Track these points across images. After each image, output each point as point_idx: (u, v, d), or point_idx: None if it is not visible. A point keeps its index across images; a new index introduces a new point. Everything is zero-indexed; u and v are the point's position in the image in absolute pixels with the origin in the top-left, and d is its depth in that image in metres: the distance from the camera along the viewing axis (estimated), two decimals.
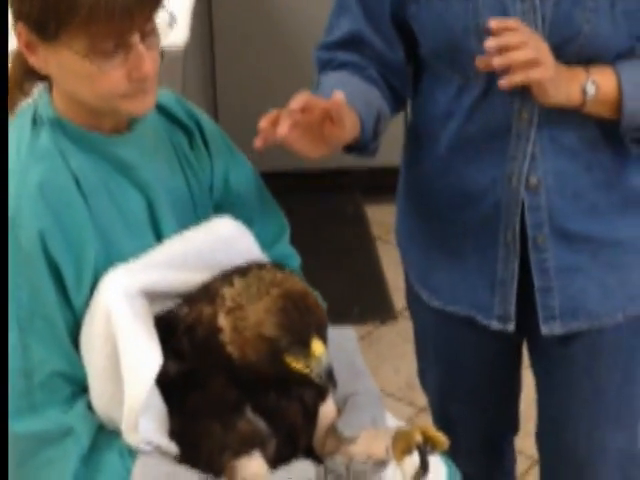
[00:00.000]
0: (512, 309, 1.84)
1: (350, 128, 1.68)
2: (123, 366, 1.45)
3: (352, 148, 1.80)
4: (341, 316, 3.33)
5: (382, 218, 3.92)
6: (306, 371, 1.44)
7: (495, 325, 1.86)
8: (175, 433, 1.50)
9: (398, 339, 3.34)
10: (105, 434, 1.49)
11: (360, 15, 1.80)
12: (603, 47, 1.65)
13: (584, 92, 1.64)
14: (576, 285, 1.81)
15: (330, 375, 1.44)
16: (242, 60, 3.88)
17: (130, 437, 1.46)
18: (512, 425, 2.15)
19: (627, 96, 1.66)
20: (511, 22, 1.58)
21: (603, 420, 1.94)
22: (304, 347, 1.43)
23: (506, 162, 1.75)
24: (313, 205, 4.01)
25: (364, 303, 3.49)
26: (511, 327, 1.85)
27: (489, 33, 1.57)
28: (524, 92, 1.67)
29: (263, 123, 1.60)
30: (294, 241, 1.80)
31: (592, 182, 1.76)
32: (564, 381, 1.94)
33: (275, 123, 1.58)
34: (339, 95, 1.60)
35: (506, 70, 1.59)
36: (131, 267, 1.51)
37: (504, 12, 1.65)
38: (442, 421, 2.12)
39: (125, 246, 1.53)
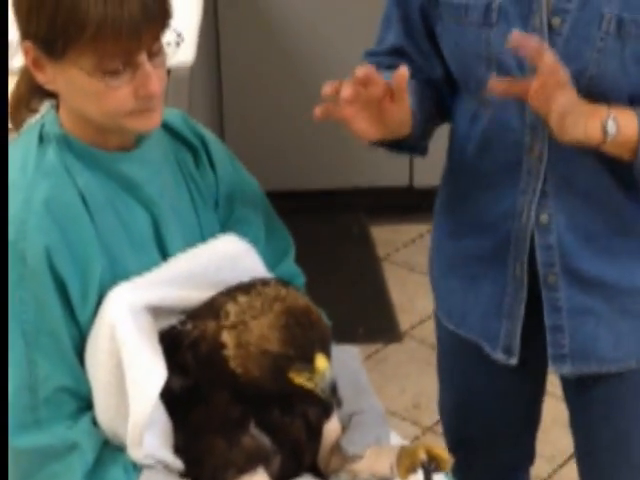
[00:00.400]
0: (517, 343, 1.82)
1: (407, 109, 1.66)
2: (128, 381, 1.46)
3: (401, 146, 1.79)
4: (346, 336, 3.32)
5: (387, 238, 3.94)
6: (310, 386, 1.45)
7: (499, 357, 1.85)
8: (179, 448, 1.50)
9: (403, 359, 3.34)
10: (110, 449, 1.50)
11: (401, 31, 1.80)
12: (612, 87, 1.63)
13: (604, 130, 1.60)
14: (588, 328, 1.78)
15: (334, 390, 1.45)
16: (249, 79, 3.90)
17: (135, 452, 1.47)
18: (528, 456, 2.11)
19: None
20: (535, 40, 1.57)
21: (625, 467, 1.91)
22: (308, 362, 1.44)
23: (517, 196, 1.73)
24: (318, 225, 4.01)
25: (369, 323, 3.48)
26: (514, 361, 1.83)
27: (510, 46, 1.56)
28: (535, 126, 1.67)
29: (326, 89, 1.60)
30: (299, 261, 1.81)
31: (607, 227, 1.73)
32: (584, 425, 1.92)
33: (338, 91, 1.57)
34: (403, 70, 1.58)
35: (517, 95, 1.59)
36: (136, 283, 1.52)
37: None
38: (455, 445, 2.09)
39: (130, 263, 1.54)
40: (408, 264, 3.80)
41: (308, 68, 3.89)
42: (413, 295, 3.64)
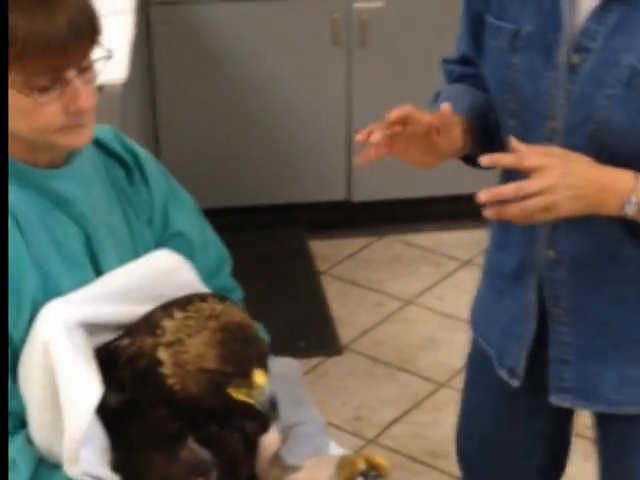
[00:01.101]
0: (521, 367, 1.82)
1: (456, 138, 1.71)
2: (62, 397, 1.45)
3: (467, 158, 1.81)
4: (287, 350, 3.32)
5: (326, 252, 3.96)
6: (249, 401, 1.46)
7: (503, 375, 1.85)
8: (117, 464, 1.50)
9: (344, 372, 3.36)
10: (46, 466, 1.49)
11: (469, 40, 1.82)
12: (619, 139, 1.60)
13: (624, 214, 1.58)
14: (592, 367, 1.77)
15: (273, 404, 1.46)
16: (184, 95, 3.89)
17: (71, 469, 1.46)
18: None
19: None
20: (525, 149, 1.56)
21: None
22: (246, 378, 1.45)
23: (534, 227, 1.72)
24: (258, 241, 4.01)
25: (310, 337, 3.49)
26: (515, 383, 1.83)
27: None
28: None
29: (358, 137, 1.66)
30: (240, 277, 1.81)
31: (619, 275, 1.71)
32: (600, 462, 1.91)
33: (368, 137, 1.64)
34: (445, 107, 1.64)
35: None
36: (70, 299, 1.52)
37: (534, 76, 1.64)
38: (459, 461, 2.09)
39: (63, 279, 1.53)
40: (348, 278, 3.82)
41: (243, 83, 3.89)
42: (353, 309, 3.66)
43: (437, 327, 3.55)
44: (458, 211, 3.86)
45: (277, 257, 3.94)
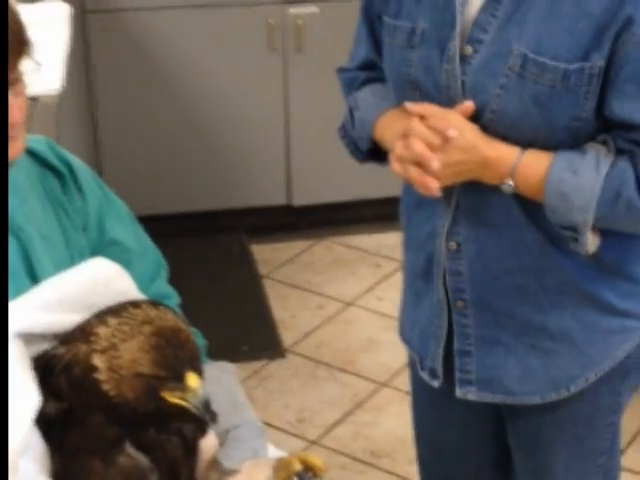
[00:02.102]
0: (439, 365, 1.84)
1: None
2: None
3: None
4: (231, 354, 3.36)
5: (267, 256, 3.99)
6: (184, 404, 1.47)
7: (425, 377, 1.87)
8: (57, 472, 1.50)
9: (287, 375, 3.38)
10: None
11: (370, 45, 1.85)
12: (512, 126, 1.64)
13: (502, 188, 1.65)
14: (495, 358, 1.79)
15: (207, 406, 1.47)
16: (123, 103, 3.90)
17: (11, 478, 1.45)
18: None
19: (548, 200, 1.64)
20: (425, 108, 1.64)
21: None
22: (179, 381, 1.46)
23: (436, 219, 1.76)
24: (199, 246, 4.03)
25: (253, 341, 3.52)
26: (436, 383, 1.85)
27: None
28: None
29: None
30: (182, 282, 1.83)
31: (519, 264, 1.73)
32: (515, 457, 1.94)
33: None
34: (469, 105, 1.66)
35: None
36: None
37: (431, 70, 1.68)
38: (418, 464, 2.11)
39: None
40: (289, 281, 3.85)
41: (182, 89, 3.90)
42: (295, 311, 3.69)
43: (377, 328, 3.58)
44: (396, 213, 3.90)
45: (219, 262, 3.96)
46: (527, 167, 1.63)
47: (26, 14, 2.77)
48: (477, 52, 1.64)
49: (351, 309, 3.71)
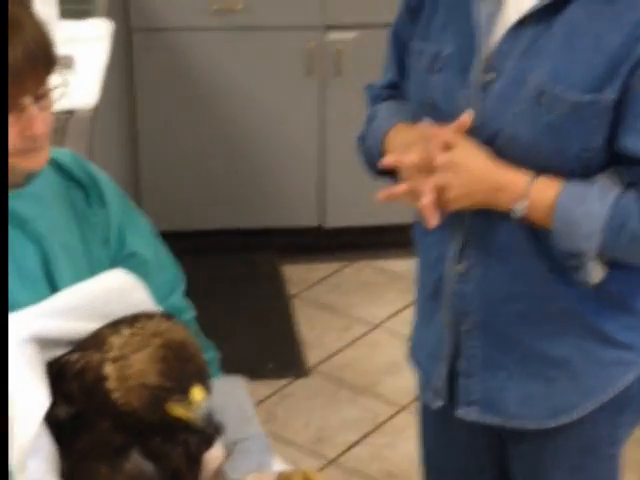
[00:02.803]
0: (441, 385, 1.87)
1: None
2: (12, 407, 1.49)
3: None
4: (256, 371, 3.40)
5: (297, 276, 4.01)
6: (187, 417, 1.50)
7: (429, 397, 1.90)
8: (65, 474, 1.54)
9: (309, 394, 3.41)
10: None
11: (396, 68, 1.90)
12: (525, 155, 1.67)
13: (512, 213, 1.67)
14: (497, 381, 1.82)
15: (210, 420, 1.50)
16: (162, 120, 3.95)
17: (19, 477, 1.49)
18: None
19: (555, 226, 1.67)
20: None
21: None
22: (184, 394, 1.49)
23: (447, 242, 1.80)
24: (231, 263, 4.04)
25: (278, 359, 3.54)
26: (439, 403, 1.88)
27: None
28: None
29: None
30: (212, 298, 1.86)
31: (524, 292, 1.76)
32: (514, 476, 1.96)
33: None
34: (467, 117, 1.69)
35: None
36: (25, 314, 1.56)
37: (451, 94, 1.72)
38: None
39: (20, 296, 1.58)
40: (317, 302, 3.88)
41: (220, 110, 3.94)
42: (321, 332, 3.72)
43: (402, 352, 3.53)
44: None
45: (250, 280, 3.99)
46: (538, 192, 1.66)
47: (71, 30, 2.86)
48: (496, 80, 1.68)
49: (377, 332, 3.73)
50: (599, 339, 1.77)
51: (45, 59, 1.52)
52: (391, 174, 1.88)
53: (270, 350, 3.58)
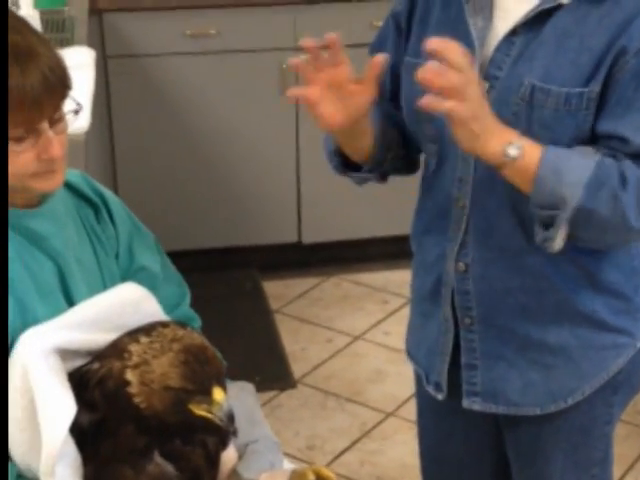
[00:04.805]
0: (444, 379, 1.93)
1: (369, 102, 1.74)
2: (40, 416, 1.54)
3: (361, 168, 1.90)
4: None
5: (278, 292, 4.06)
6: (209, 416, 1.56)
7: (431, 391, 1.96)
8: (89, 478, 1.59)
9: (297, 405, 3.47)
10: None
11: (390, 80, 1.92)
12: None
13: (505, 153, 1.67)
14: (499, 371, 1.88)
15: (231, 418, 1.56)
16: (140, 142, 3.98)
17: None
18: None
19: (541, 172, 1.69)
20: (452, 45, 1.63)
21: None
22: (206, 395, 1.55)
23: (446, 242, 1.85)
24: (212, 282, 4.10)
25: (265, 372, 3.59)
26: (441, 396, 1.94)
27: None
28: (462, 179, 1.80)
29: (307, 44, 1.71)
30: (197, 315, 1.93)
31: (521, 285, 1.82)
32: (513, 467, 2.01)
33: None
34: (380, 57, 1.69)
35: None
36: (46, 328, 1.61)
37: None
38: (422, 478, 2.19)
39: (39, 309, 1.63)
40: (299, 316, 3.93)
41: (197, 131, 3.99)
42: (305, 344, 3.77)
43: (384, 361, 3.65)
44: (402, 251, 3.92)
45: (232, 297, 4.04)
46: (525, 141, 1.70)
47: None
48: (493, 87, 1.76)
49: (359, 343, 3.78)
50: (593, 325, 1.85)
51: (61, 85, 1.58)
52: (356, 168, 1.92)
53: (256, 364, 3.62)
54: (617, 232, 1.73)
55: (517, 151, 1.67)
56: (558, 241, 1.72)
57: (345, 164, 1.94)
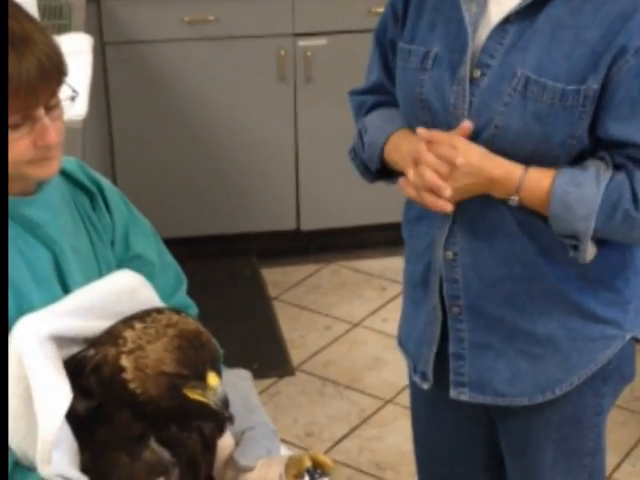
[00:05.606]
0: (430, 368, 1.93)
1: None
2: (35, 403, 1.54)
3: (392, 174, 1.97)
4: None
5: (276, 279, 4.08)
6: (204, 400, 1.56)
7: (417, 380, 1.97)
8: (86, 466, 1.59)
9: (295, 392, 3.48)
10: (21, 469, 1.59)
11: (381, 68, 1.97)
12: (514, 141, 1.75)
13: (509, 200, 1.76)
14: (486, 361, 1.89)
15: (226, 403, 1.57)
16: (138, 129, 3.99)
17: (44, 470, 1.54)
18: None
19: (552, 210, 1.74)
20: (433, 135, 1.75)
21: None
22: (201, 380, 1.56)
23: (435, 230, 1.87)
24: (212, 269, 4.11)
25: (263, 359, 3.60)
26: (426, 385, 1.95)
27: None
28: None
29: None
30: (196, 303, 1.91)
31: (510, 274, 1.83)
32: (506, 458, 2.03)
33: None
34: (468, 124, 1.77)
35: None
36: (41, 315, 1.61)
37: (441, 90, 1.80)
38: (416, 466, 2.21)
39: (34, 297, 1.63)
40: (297, 303, 3.94)
41: (195, 118, 3.99)
42: (303, 332, 3.78)
43: (382, 347, 3.66)
44: (400, 238, 3.97)
45: (231, 284, 4.05)
46: (532, 181, 1.75)
47: None
48: (485, 75, 1.77)
49: (357, 330, 3.79)
50: (582, 316, 1.85)
51: (56, 71, 1.57)
52: (387, 176, 1.96)
53: (254, 351, 3.64)
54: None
55: (515, 204, 1.76)
56: (588, 254, 1.76)
57: (381, 172, 1.97)
